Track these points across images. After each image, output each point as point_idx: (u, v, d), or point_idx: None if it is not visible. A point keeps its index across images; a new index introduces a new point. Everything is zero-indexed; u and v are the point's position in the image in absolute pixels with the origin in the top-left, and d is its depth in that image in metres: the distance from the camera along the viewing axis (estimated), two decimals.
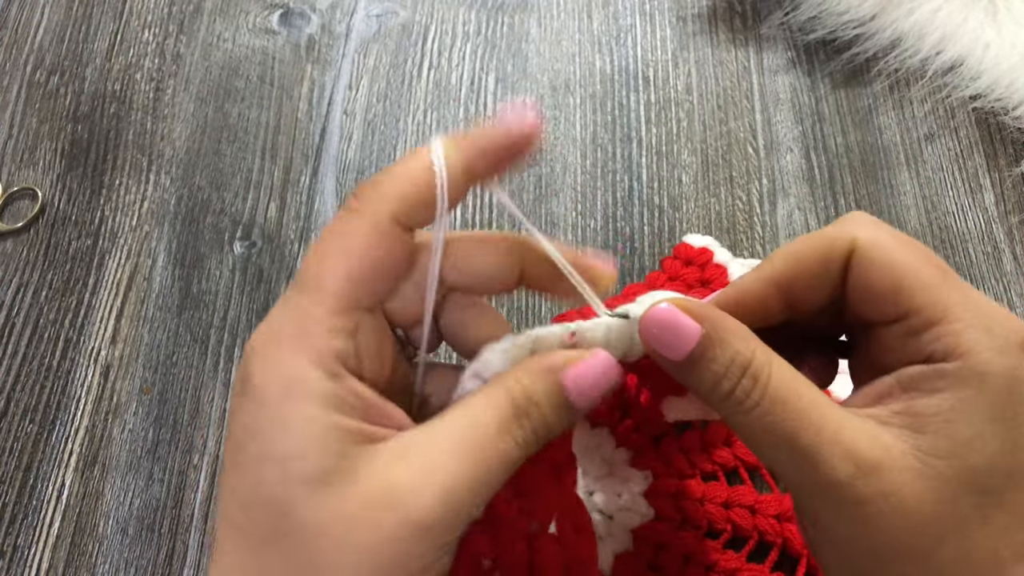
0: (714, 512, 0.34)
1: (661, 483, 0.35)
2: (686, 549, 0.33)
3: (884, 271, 0.21)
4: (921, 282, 0.20)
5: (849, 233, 0.22)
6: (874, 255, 0.21)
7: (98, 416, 0.39)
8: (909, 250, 0.21)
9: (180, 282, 0.42)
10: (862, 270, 0.21)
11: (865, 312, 0.22)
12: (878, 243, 0.21)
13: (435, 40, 0.48)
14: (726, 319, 0.21)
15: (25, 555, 0.36)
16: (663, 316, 0.21)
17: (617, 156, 0.44)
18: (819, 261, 0.22)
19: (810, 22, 0.46)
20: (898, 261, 0.21)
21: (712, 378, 0.21)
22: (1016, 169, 0.43)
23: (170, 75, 0.48)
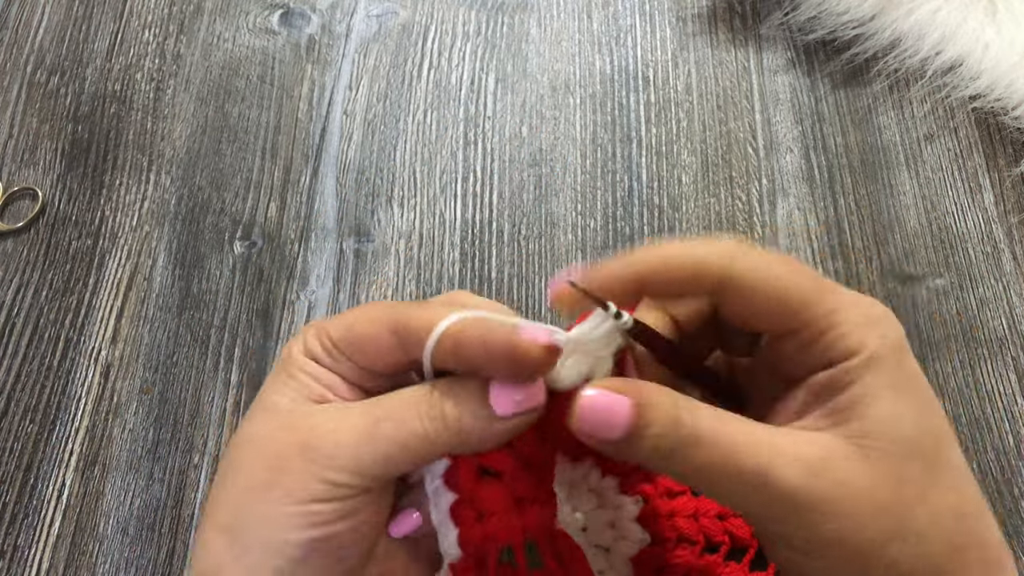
0: (709, 526, 0.34)
1: (652, 506, 0.34)
2: (687, 567, 0.33)
3: (765, 294, 0.22)
4: (803, 299, 0.22)
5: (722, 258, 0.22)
6: (752, 280, 0.22)
7: (98, 416, 0.39)
8: (786, 270, 0.22)
9: (180, 282, 0.42)
10: (741, 295, 0.22)
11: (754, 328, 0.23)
12: (753, 268, 0.22)
13: (435, 40, 0.49)
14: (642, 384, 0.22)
15: (25, 555, 0.36)
16: (596, 402, 0.21)
17: (617, 156, 0.44)
18: (690, 275, 0.22)
19: (810, 22, 0.46)
20: (776, 283, 0.22)
21: (652, 442, 0.21)
22: (1016, 169, 0.43)
23: (170, 75, 0.48)
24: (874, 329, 0.21)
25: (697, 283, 0.22)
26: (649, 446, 0.21)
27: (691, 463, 0.21)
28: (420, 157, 0.45)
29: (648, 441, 0.21)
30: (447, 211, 0.43)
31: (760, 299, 0.22)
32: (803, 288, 0.22)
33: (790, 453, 0.20)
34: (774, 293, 0.22)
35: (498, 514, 0.23)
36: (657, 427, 0.21)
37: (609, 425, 0.21)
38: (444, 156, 0.45)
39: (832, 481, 0.20)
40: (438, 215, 0.43)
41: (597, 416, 0.21)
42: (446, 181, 0.44)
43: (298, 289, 0.42)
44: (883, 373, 0.21)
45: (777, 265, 0.22)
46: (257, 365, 0.40)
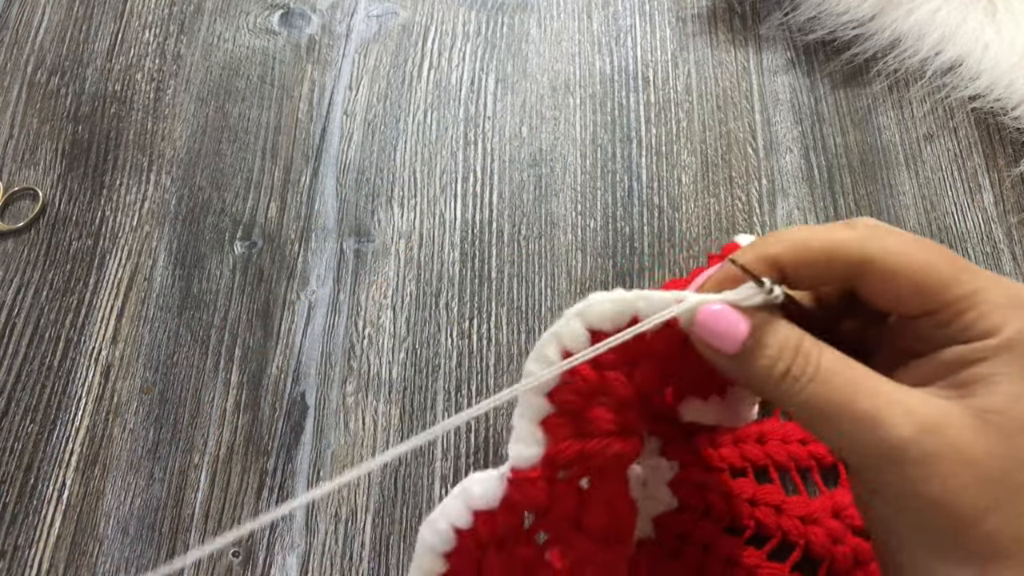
0: (739, 508, 0.34)
1: (687, 473, 0.35)
2: (706, 540, 0.33)
3: (905, 276, 0.22)
4: (943, 281, 0.21)
5: (859, 242, 0.22)
6: (892, 262, 0.22)
7: (99, 416, 0.39)
8: (923, 251, 0.22)
9: (181, 282, 0.42)
10: (880, 277, 0.22)
11: (889, 310, 0.23)
12: (892, 251, 0.22)
13: (435, 40, 0.49)
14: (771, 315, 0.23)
15: (26, 555, 0.36)
16: (715, 314, 0.22)
17: (617, 156, 0.44)
18: (825, 259, 0.23)
19: (809, 22, 0.46)
20: (915, 265, 0.22)
21: (767, 363, 0.22)
22: (1015, 169, 0.43)
23: (171, 75, 0.48)
24: (1017, 312, 0.21)
25: (832, 267, 0.23)
26: (764, 367, 0.22)
27: (805, 394, 0.21)
28: (420, 157, 0.45)
29: (763, 362, 0.22)
30: (447, 211, 0.43)
31: (898, 282, 0.22)
32: (942, 270, 0.22)
33: (907, 406, 0.20)
34: (912, 276, 0.22)
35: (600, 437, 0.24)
36: (774, 350, 0.22)
37: (725, 338, 0.22)
38: (444, 156, 0.45)
39: (944, 442, 0.20)
40: (438, 215, 0.43)
41: (717, 326, 0.22)
42: (446, 181, 0.44)
43: (298, 289, 0.42)
44: (1020, 357, 0.21)
45: (914, 247, 0.22)
46: (257, 365, 0.40)
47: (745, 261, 0.23)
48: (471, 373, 0.39)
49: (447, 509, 0.25)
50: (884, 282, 0.22)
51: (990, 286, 0.21)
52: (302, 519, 0.36)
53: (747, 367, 0.22)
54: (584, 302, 0.24)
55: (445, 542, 0.25)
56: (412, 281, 0.42)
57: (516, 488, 0.24)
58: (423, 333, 0.40)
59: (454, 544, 0.25)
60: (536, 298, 0.41)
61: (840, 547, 0.33)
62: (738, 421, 0.31)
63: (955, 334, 0.21)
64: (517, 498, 0.24)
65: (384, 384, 0.39)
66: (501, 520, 0.25)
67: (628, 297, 0.23)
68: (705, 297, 0.23)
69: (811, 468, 0.35)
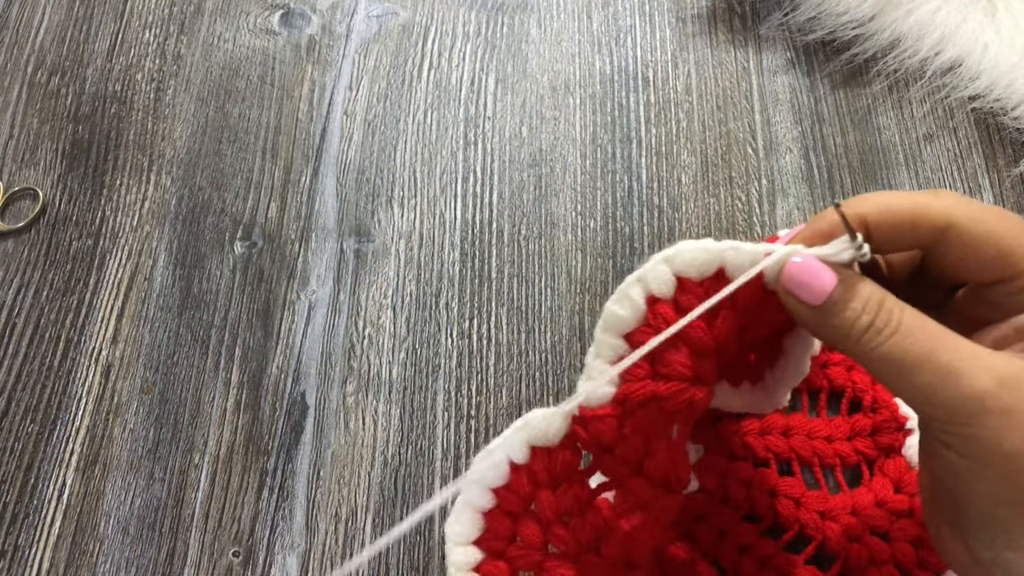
0: (758, 497, 0.34)
1: (710, 459, 0.35)
2: (723, 525, 0.33)
3: (987, 243, 0.23)
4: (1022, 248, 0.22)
5: (945, 208, 0.23)
6: (975, 229, 0.23)
7: (99, 416, 0.39)
8: (1004, 220, 0.23)
9: (181, 282, 0.42)
10: (963, 243, 0.23)
11: (964, 277, 0.24)
12: (976, 218, 0.23)
13: (435, 40, 0.49)
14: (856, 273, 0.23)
15: (26, 555, 0.36)
16: (802, 265, 0.23)
17: (617, 156, 0.44)
18: (909, 221, 0.23)
19: (809, 23, 0.46)
20: (997, 232, 0.22)
21: (852, 315, 0.23)
22: (1015, 169, 0.43)
23: (171, 75, 0.48)
24: None
25: (916, 230, 0.23)
26: (848, 319, 0.23)
27: (886, 347, 0.22)
28: (420, 157, 0.45)
29: (848, 314, 0.23)
30: (447, 211, 0.43)
31: (980, 248, 0.23)
32: (1022, 239, 0.22)
33: (985, 361, 0.21)
34: (994, 241, 0.22)
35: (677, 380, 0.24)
36: (858, 303, 0.22)
37: (811, 289, 0.23)
38: (444, 156, 0.45)
39: (1022, 396, 0.21)
40: (438, 215, 0.43)
41: (803, 277, 0.23)
42: (446, 181, 0.44)
43: (298, 289, 0.42)
44: None
45: (995, 215, 0.23)
46: (257, 365, 0.40)
47: (831, 221, 0.24)
48: (471, 373, 0.39)
49: (507, 441, 0.25)
50: (965, 247, 0.23)
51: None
52: (302, 519, 0.36)
53: (831, 319, 0.23)
54: (673, 248, 0.24)
55: (500, 476, 0.25)
56: (412, 281, 0.42)
57: (583, 426, 0.24)
58: (423, 333, 0.40)
59: (507, 479, 0.25)
60: (536, 298, 0.41)
61: (856, 545, 0.33)
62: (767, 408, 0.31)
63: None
64: (583, 436, 0.24)
65: (384, 384, 0.39)
66: (560, 457, 0.25)
67: (718, 247, 0.24)
68: (795, 249, 0.23)
69: (835, 466, 0.35)
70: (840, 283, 0.23)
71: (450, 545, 0.26)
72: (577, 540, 0.25)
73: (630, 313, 0.24)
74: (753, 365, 0.31)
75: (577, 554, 0.25)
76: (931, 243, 0.23)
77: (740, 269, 0.23)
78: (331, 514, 0.37)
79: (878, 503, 0.34)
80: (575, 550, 0.25)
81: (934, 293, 0.26)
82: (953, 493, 0.23)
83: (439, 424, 0.38)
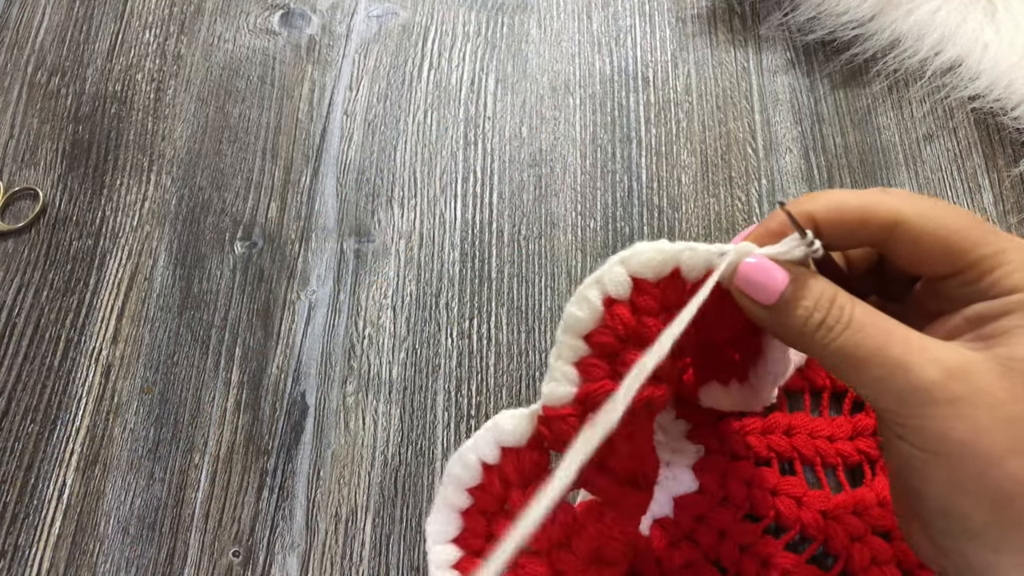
0: (759, 497, 0.34)
1: (711, 459, 0.35)
2: (723, 525, 0.33)
3: (935, 238, 0.23)
4: (972, 241, 0.23)
5: (893, 205, 0.23)
6: (923, 225, 0.23)
7: (99, 416, 0.39)
8: (952, 215, 0.23)
9: (181, 282, 0.42)
10: (912, 239, 0.23)
11: (917, 272, 0.24)
12: (924, 214, 0.23)
13: (435, 41, 0.49)
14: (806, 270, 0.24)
15: (26, 555, 0.36)
16: (754, 266, 0.23)
17: (617, 156, 0.44)
18: (858, 218, 0.24)
19: (809, 23, 0.46)
20: (945, 228, 0.23)
21: (804, 313, 0.23)
22: (1015, 169, 0.43)
23: (171, 76, 0.48)
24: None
25: (866, 227, 0.24)
26: (801, 317, 0.23)
27: (839, 342, 0.22)
28: (420, 157, 0.45)
29: (801, 312, 0.23)
30: (447, 211, 0.43)
31: (929, 243, 0.23)
32: (970, 231, 0.23)
33: (934, 353, 0.22)
34: (943, 237, 0.23)
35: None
36: (810, 300, 0.23)
37: (764, 288, 0.23)
38: (444, 156, 0.45)
39: (969, 386, 0.21)
40: (438, 215, 0.43)
41: (756, 277, 0.23)
42: (446, 181, 0.44)
43: (298, 289, 0.42)
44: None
45: (944, 210, 0.23)
46: (257, 365, 0.40)
47: (782, 220, 0.24)
48: (471, 373, 0.39)
49: (477, 442, 0.26)
50: (915, 243, 0.23)
51: (1014, 247, 0.23)
52: (302, 519, 0.36)
53: (784, 318, 0.23)
54: (629, 249, 0.24)
55: (473, 477, 0.26)
56: (412, 281, 0.42)
57: (546, 425, 0.25)
58: (423, 333, 0.40)
59: (480, 479, 0.26)
60: (536, 298, 0.41)
61: (858, 545, 0.33)
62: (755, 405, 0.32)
63: (981, 291, 0.22)
64: (547, 435, 0.25)
65: (384, 384, 0.39)
66: (527, 457, 0.25)
67: (674, 248, 0.24)
68: (748, 248, 0.24)
69: (837, 465, 0.35)
70: (792, 281, 0.23)
71: (430, 543, 0.26)
72: (548, 538, 0.25)
73: (588, 315, 0.25)
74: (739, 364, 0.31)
75: (550, 551, 0.26)
76: (881, 240, 0.24)
77: (695, 270, 0.24)
78: (331, 514, 0.37)
79: (880, 503, 0.34)
80: (547, 547, 0.26)
81: (896, 285, 0.27)
82: (911, 484, 0.23)
83: (439, 424, 0.38)
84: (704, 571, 0.32)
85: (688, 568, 0.33)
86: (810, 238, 0.23)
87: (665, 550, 0.33)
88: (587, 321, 0.25)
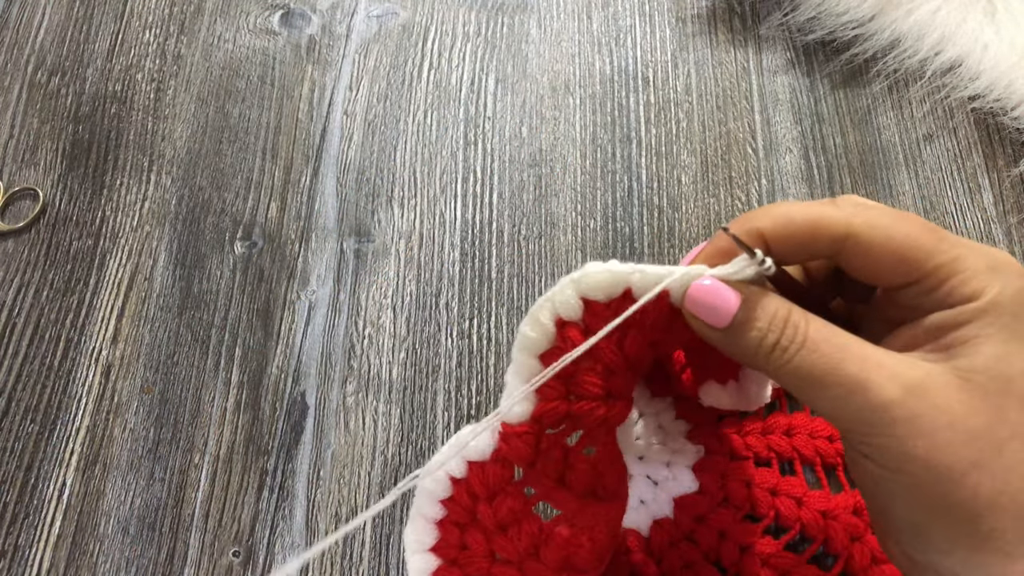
0: (759, 497, 0.34)
1: (711, 459, 0.35)
2: (723, 526, 0.34)
3: (886, 249, 0.22)
4: (925, 251, 0.22)
5: (843, 218, 0.23)
6: (874, 236, 0.22)
7: (99, 416, 0.39)
8: (904, 224, 0.22)
9: (181, 282, 0.42)
10: (863, 251, 0.23)
11: (873, 282, 0.24)
12: (874, 224, 0.22)
13: (435, 41, 0.49)
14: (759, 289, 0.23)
15: (26, 554, 0.36)
16: (705, 288, 0.23)
17: (617, 156, 0.44)
18: (808, 232, 0.23)
19: (809, 23, 0.46)
20: (896, 238, 0.22)
21: (758, 335, 0.22)
22: (1015, 169, 0.43)
23: (171, 76, 0.48)
24: (997, 276, 0.22)
25: (816, 241, 0.23)
26: (754, 339, 0.23)
27: (794, 363, 0.22)
28: (420, 157, 0.45)
29: (753, 334, 0.22)
30: (447, 211, 0.43)
31: (881, 255, 0.22)
32: (922, 241, 0.22)
33: (891, 370, 0.21)
34: (895, 248, 0.22)
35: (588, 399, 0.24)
36: (763, 321, 0.22)
37: (716, 311, 0.23)
38: (444, 156, 0.45)
39: (928, 402, 0.20)
40: (438, 215, 0.43)
41: (707, 300, 0.23)
42: (446, 181, 0.44)
43: (298, 289, 0.42)
44: (1000, 318, 0.21)
45: (895, 220, 0.22)
46: (257, 365, 0.40)
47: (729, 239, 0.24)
48: (471, 373, 0.39)
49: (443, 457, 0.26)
50: (867, 255, 0.23)
51: (969, 253, 0.22)
52: (302, 519, 0.36)
53: (737, 340, 0.23)
54: (580, 270, 0.24)
55: (442, 489, 0.26)
56: (412, 281, 0.42)
57: (505, 442, 0.25)
58: (423, 333, 0.40)
59: (450, 492, 0.26)
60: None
61: (858, 545, 0.33)
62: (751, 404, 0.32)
63: (939, 300, 0.22)
64: (505, 451, 0.25)
65: (384, 384, 0.39)
66: (491, 471, 0.26)
67: (623, 269, 0.24)
68: (697, 270, 0.23)
69: (837, 465, 0.35)
70: (744, 303, 0.23)
71: (408, 553, 0.27)
72: (516, 548, 0.26)
73: (540, 336, 0.25)
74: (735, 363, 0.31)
75: (520, 561, 0.26)
76: (833, 253, 0.23)
77: (646, 291, 0.24)
78: (331, 514, 0.37)
79: None
80: (518, 557, 0.26)
81: (860, 288, 0.26)
82: (878, 502, 0.23)
83: (439, 424, 0.38)
84: (704, 571, 0.33)
85: (688, 568, 0.33)
86: (759, 257, 0.23)
87: (665, 550, 0.33)
88: (540, 342, 0.25)
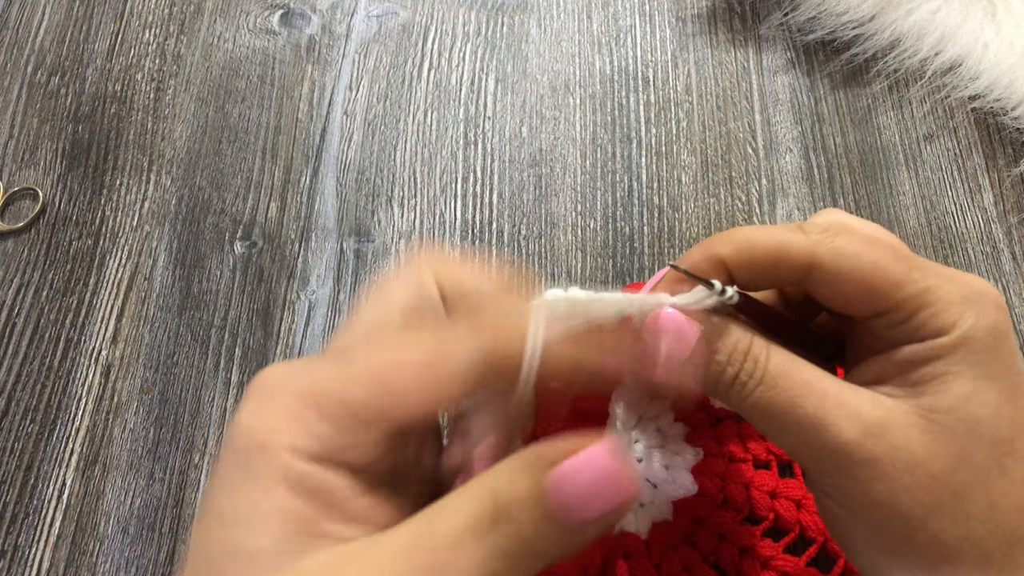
0: (759, 499, 0.34)
1: (710, 462, 0.35)
2: (723, 528, 0.34)
3: (851, 280, 0.21)
4: (893, 281, 0.21)
5: (806, 246, 0.22)
6: (840, 266, 0.21)
7: (99, 416, 0.39)
8: (873, 251, 0.21)
9: (181, 282, 0.42)
10: (829, 281, 0.22)
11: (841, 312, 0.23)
12: (840, 253, 0.21)
13: (435, 41, 0.49)
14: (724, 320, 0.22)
15: (26, 554, 0.36)
16: (665, 320, 0.22)
17: (617, 156, 0.44)
18: (771, 260, 0.22)
19: (809, 23, 0.46)
20: (862, 268, 0.21)
21: (717, 368, 0.22)
22: (1015, 169, 0.43)
23: (171, 75, 0.48)
24: (970, 308, 0.20)
25: (778, 269, 0.22)
26: (715, 372, 0.22)
27: (752, 399, 0.21)
28: (420, 157, 0.45)
29: (713, 367, 0.22)
30: (447, 211, 0.43)
31: (847, 285, 0.21)
32: (891, 270, 0.21)
33: (852, 409, 0.20)
34: (861, 278, 0.21)
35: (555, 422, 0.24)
36: (723, 355, 0.21)
37: (678, 343, 0.21)
38: (444, 156, 0.45)
39: (888, 444, 0.20)
40: (438, 215, 0.43)
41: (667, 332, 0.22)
42: (446, 181, 0.44)
43: (298, 289, 0.42)
44: (972, 354, 0.20)
45: (863, 247, 0.21)
46: (257, 365, 0.40)
47: (692, 263, 0.23)
48: None
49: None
50: (833, 284, 0.22)
51: (942, 283, 0.21)
52: None
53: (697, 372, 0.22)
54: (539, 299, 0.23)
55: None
56: None
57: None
58: None
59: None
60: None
61: None
62: None
63: (909, 333, 0.21)
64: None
65: None
66: None
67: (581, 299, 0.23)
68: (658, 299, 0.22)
69: None
70: (703, 335, 0.21)
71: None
72: None
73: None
74: None
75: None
76: (797, 281, 0.22)
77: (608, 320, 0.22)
78: None
79: None
80: None
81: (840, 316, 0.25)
82: (841, 540, 0.22)
83: None
84: (704, 574, 0.32)
85: (688, 571, 0.33)
86: (719, 287, 0.22)
87: (664, 553, 0.33)
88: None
